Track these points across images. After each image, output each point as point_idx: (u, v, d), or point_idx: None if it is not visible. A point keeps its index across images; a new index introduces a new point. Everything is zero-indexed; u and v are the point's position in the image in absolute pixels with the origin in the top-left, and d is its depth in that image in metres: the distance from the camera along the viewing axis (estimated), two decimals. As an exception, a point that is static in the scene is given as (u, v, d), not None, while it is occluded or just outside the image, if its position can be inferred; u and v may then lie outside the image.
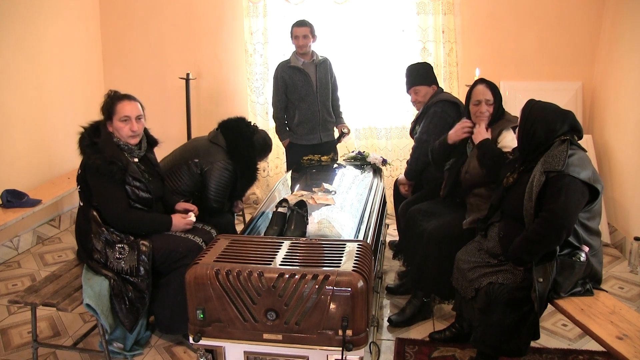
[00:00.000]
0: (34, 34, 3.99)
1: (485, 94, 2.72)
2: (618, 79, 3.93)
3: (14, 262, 3.74)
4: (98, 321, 2.36)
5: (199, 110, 4.85)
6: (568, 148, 2.14)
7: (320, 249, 2.01)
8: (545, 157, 2.17)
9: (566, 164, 2.09)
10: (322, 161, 3.68)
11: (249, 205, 4.86)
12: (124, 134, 2.51)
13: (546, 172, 2.11)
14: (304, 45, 3.75)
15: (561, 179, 2.08)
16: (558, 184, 2.08)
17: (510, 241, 2.28)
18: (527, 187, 2.18)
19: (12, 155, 3.82)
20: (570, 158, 2.11)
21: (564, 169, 2.08)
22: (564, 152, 2.13)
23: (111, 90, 2.56)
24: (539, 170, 2.15)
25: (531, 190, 2.15)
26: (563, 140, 2.18)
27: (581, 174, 2.09)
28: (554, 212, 2.07)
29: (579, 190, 2.09)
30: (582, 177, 2.09)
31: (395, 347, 2.65)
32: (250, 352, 1.94)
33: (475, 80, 2.81)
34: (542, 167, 2.14)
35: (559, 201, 2.06)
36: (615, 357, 1.87)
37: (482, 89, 2.74)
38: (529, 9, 4.30)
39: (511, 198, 2.31)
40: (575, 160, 2.12)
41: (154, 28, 4.80)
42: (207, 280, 1.86)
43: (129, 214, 2.47)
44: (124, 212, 2.45)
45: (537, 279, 2.11)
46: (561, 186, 2.07)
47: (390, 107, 4.53)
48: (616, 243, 3.81)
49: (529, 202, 2.16)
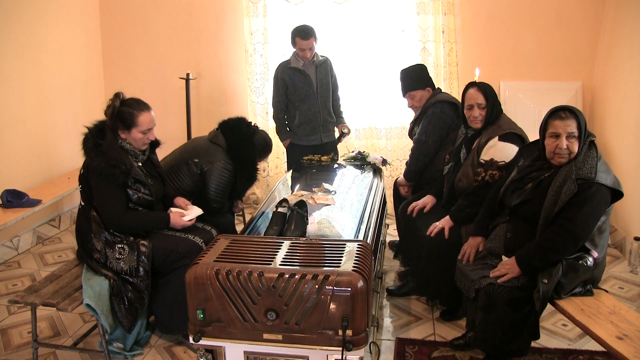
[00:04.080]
0: (34, 34, 3.99)
1: (477, 98, 2.67)
2: (618, 79, 3.93)
3: (14, 262, 3.74)
4: (98, 321, 2.37)
5: (199, 110, 4.84)
6: (597, 152, 2.11)
7: (320, 249, 2.01)
8: (575, 162, 2.12)
9: (597, 171, 2.06)
10: (322, 161, 3.68)
11: (249, 205, 4.86)
12: (140, 144, 2.52)
13: (577, 179, 2.07)
14: (310, 55, 3.74)
15: (589, 187, 2.05)
16: (585, 194, 2.05)
17: (518, 243, 2.27)
18: (552, 190, 2.13)
19: (12, 155, 3.82)
20: (599, 163, 2.09)
21: (596, 178, 2.05)
22: (594, 158, 2.09)
23: (120, 95, 2.50)
24: (569, 177, 2.09)
25: (557, 196, 2.11)
26: (590, 142, 2.15)
27: (607, 180, 2.08)
28: (574, 222, 2.05)
29: (603, 199, 2.08)
30: (609, 183, 2.08)
31: (395, 347, 2.65)
32: (250, 352, 1.94)
33: (467, 84, 2.78)
34: (574, 174, 2.09)
35: (582, 211, 2.04)
36: (615, 357, 1.87)
37: (473, 93, 2.69)
38: (528, 9, 4.30)
39: (529, 202, 2.26)
40: (602, 166, 2.10)
41: (154, 28, 4.80)
42: (207, 280, 1.86)
43: (125, 215, 2.45)
44: (120, 214, 2.44)
45: (542, 280, 2.10)
46: (587, 196, 2.04)
47: (390, 107, 4.53)
48: (616, 243, 3.81)
49: (552, 206, 2.11)
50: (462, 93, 2.78)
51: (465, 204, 2.69)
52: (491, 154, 2.62)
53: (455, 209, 2.73)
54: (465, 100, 2.73)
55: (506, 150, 2.58)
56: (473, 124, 2.72)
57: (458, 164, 2.83)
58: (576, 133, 2.13)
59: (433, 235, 2.72)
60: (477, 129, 2.72)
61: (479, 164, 2.65)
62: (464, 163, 2.77)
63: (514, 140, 2.61)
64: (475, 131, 2.74)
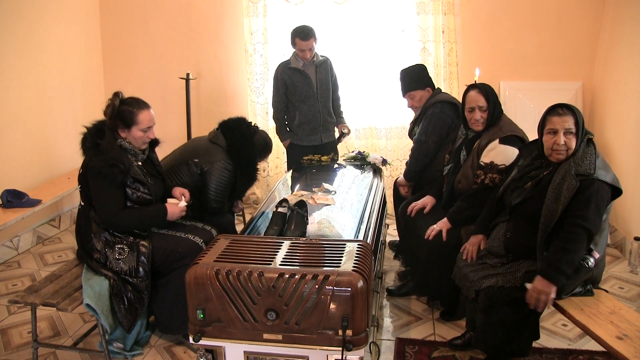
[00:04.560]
0: (34, 34, 3.99)
1: (478, 101, 2.66)
2: (618, 79, 3.93)
3: (14, 262, 3.74)
4: (98, 321, 2.37)
5: (199, 110, 4.84)
6: (595, 149, 2.12)
7: (320, 249, 2.01)
8: (573, 159, 2.13)
9: (596, 168, 2.07)
10: (322, 161, 3.68)
11: (249, 205, 4.86)
12: (140, 142, 2.52)
13: (577, 175, 2.07)
14: (310, 56, 3.74)
15: (591, 184, 2.05)
16: (589, 190, 2.05)
17: (517, 242, 2.27)
18: (552, 188, 2.13)
19: (12, 155, 3.82)
20: (597, 160, 2.10)
21: (595, 174, 2.06)
22: (592, 155, 2.10)
23: (119, 94, 2.51)
24: (569, 173, 2.10)
25: (558, 193, 2.10)
26: (588, 140, 2.16)
27: (607, 177, 2.08)
28: (587, 219, 2.04)
29: (606, 195, 2.09)
30: (609, 180, 2.08)
31: (395, 347, 2.65)
32: (250, 352, 1.94)
33: (468, 86, 2.77)
34: (574, 170, 2.09)
35: (591, 208, 2.04)
36: (615, 357, 1.87)
37: (474, 95, 2.68)
38: (529, 9, 4.30)
39: (529, 201, 2.25)
40: (600, 163, 2.11)
41: (154, 28, 4.80)
42: (207, 280, 1.86)
43: (121, 214, 2.43)
44: (116, 213, 2.42)
45: None
46: (592, 192, 2.05)
47: (390, 107, 4.53)
48: (616, 243, 3.81)
49: (554, 204, 2.10)
50: (463, 95, 2.77)
51: (464, 206, 2.69)
52: (491, 156, 2.61)
53: (453, 211, 2.73)
54: (466, 103, 2.72)
55: (507, 154, 2.57)
56: (474, 127, 2.71)
57: (458, 165, 2.83)
58: (573, 129, 2.14)
59: (431, 238, 2.72)
60: (479, 131, 2.71)
61: (478, 166, 2.64)
62: (464, 164, 2.77)
63: (514, 143, 2.59)
64: (476, 133, 2.74)
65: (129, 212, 2.48)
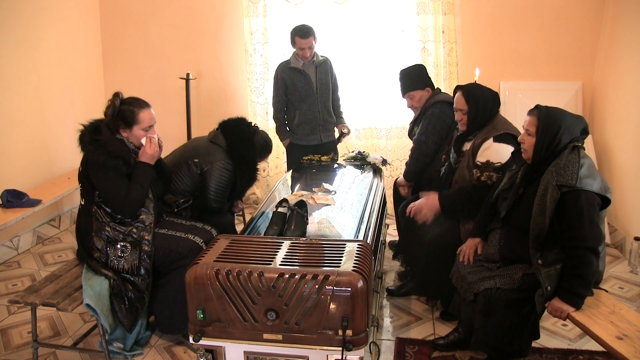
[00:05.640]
0: (34, 34, 3.99)
1: (459, 103, 2.73)
2: (618, 79, 3.93)
3: (14, 262, 3.74)
4: (98, 321, 2.37)
5: (199, 110, 4.84)
6: (579, 157, 2.08)
7: (320, 249, 2.01)
8: (555, 168, 2.09)
9: (579, 178, 2.02)
10: (322, 161, 3.68)
11: (249, 205, 4.86)
12: (141, 142, 2.52)
13: (559, 186, 2.04)
14: (310, 55, 3.74)
15: (578, 197, 2.02)
16: (577, 204, 2.02)
17: (511, 250, 2.27)
18: (537, 200, 2.10)
19: (12, 155, 3.82)
20: (581, 169, 2.05)
21: (578, 184, 2.02)
22: (576, 163, 2.05)
23: (119, 94, 2.51)
24: (550, 184, 2.07)
25: (543, 205, 2.07)
26: (572, 147, 2.12)
27: (594, 185, 2.05)
28: (585, 238, 2.02)
29: (595, 204, 2.06)
30: (595, 189, 2.05)
31: (395, 347, 2.65)
32: (250, 352, 1.94)
33: (455, 87, 2.84)
34: (555, 181, 2.06)
35: (585, 225, 2.01)
36: (615, 357, 1.87)
37: (457, 98, 2.75)
38: (529, 9, 4.30)
39: (518, 210, 2.25)
40: (585, 171, 2.06)
41: (154, 28, 4.80)
42: (207, 280, 1.86)
43: (129, 195, 2.42)
44: (125, 197, 2.41)
45: (546, 287, 2.09)
46: (581, 205, 2.01)
47: (390, 107, 4.53)
48: (616, 243, 3.81)
49: (540, 216, 2.08)
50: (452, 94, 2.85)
51: (460, 200, 2.69)
52: (487, 155, 2.62)
53: (448, 195, 2.74)
54: (454, 103, 2.79)
55: (502, 151, 2.59)
56: (460, 126, 2.80)
57: (450, 165, 2.85)
58: (532, 130, 2.18)
59: (411, 216, 2.81)
60: (462, 131, 2.78)
61: (475, 166, 2.65)
62: (459, 166, 2.78)
63: (509, 141, 2.60)
64: (462, 132, 2.80)
65: (131, 187, 2.44)
